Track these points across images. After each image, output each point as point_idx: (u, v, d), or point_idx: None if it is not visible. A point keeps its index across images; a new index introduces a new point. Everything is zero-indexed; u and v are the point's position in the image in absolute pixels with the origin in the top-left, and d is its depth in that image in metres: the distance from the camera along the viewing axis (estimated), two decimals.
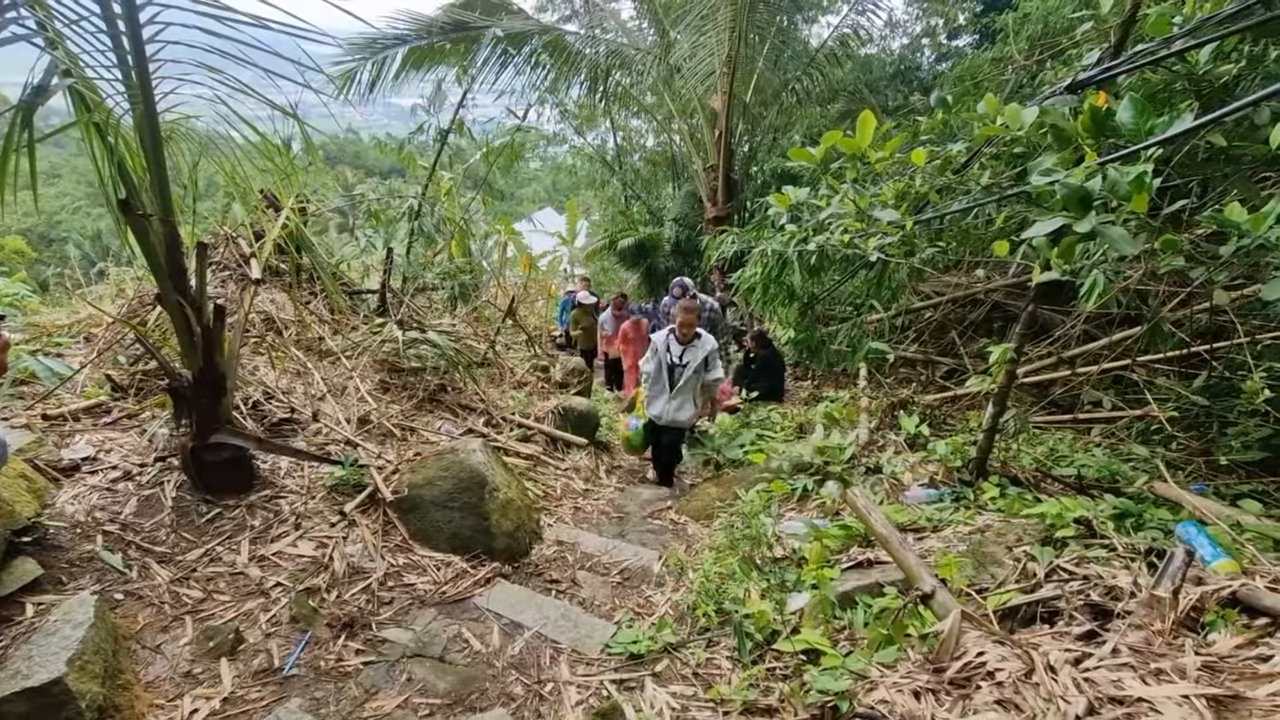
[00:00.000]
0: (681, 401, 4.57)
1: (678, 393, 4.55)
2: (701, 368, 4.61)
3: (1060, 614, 1.72)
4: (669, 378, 4.59)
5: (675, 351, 4.56)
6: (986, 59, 7.86)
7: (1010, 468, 3.65)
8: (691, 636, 2.62)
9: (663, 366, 4.60)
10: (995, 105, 3.02)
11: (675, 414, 4.60)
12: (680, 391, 4.54)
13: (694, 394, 4.59)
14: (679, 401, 4.57)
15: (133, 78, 2.53)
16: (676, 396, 4.56)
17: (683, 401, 4.57)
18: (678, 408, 4.58)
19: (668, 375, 4.59)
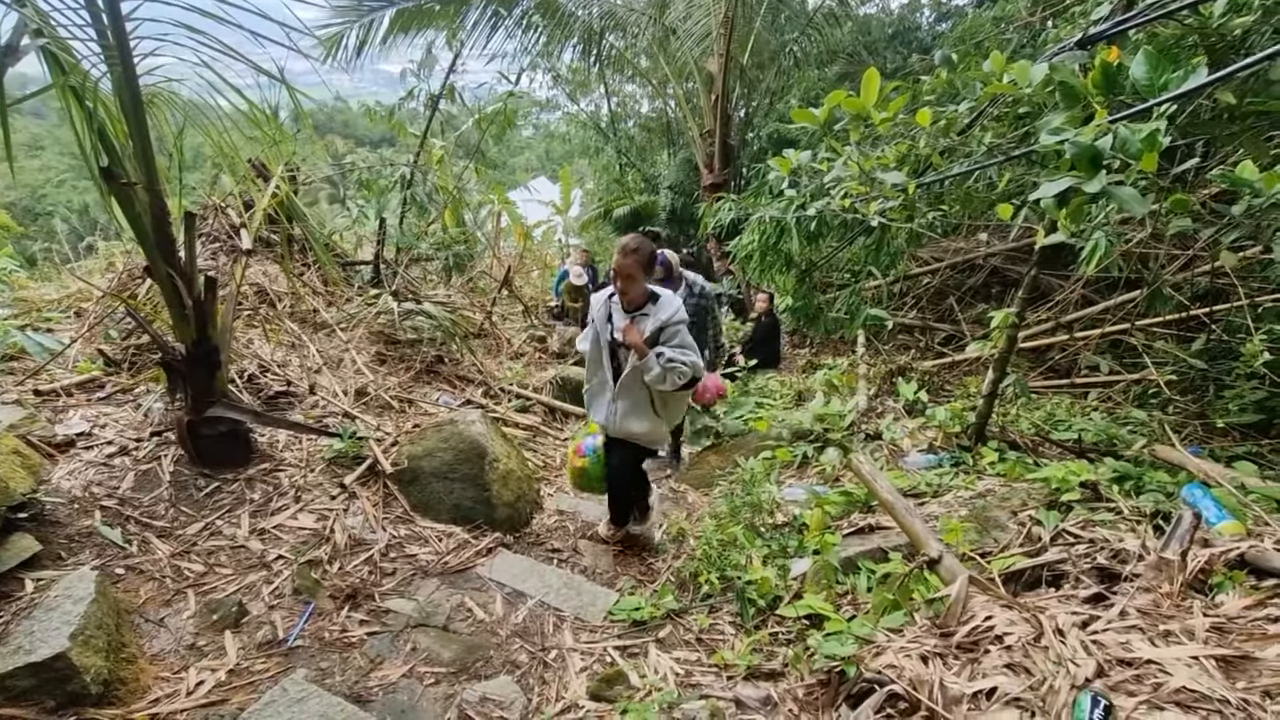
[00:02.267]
0: (632, 403, 2.89)
1: (624, 389, 2.88)
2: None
3: (1066, 577, 1.73)
4: (610, 365, 2.94)
5: (618, 323, 2.84)
6: (988, 18, 7.67)
7: (1009, 432, 3.66)
8: (694, 603, 2.63)
9: (602, 348, 2.94)
10: (1001, 62, 2.94)
11: (623, 422, 2.91)
12: (628, 387, 2.87)
13: (653, 392, 2.86)
14: (628, 403, 2.89)
15: (108, 37, 2.43)
16: (624, 395, 2.89)
17: (634, 403, 2.89)
18: (626, 411, 2.90)
19: (609, 361, 2.94)
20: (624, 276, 2.74)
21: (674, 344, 2.75)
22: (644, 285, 2.80)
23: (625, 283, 2.76)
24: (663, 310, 2.78)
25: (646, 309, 2.81)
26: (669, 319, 2.75)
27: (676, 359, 2.68)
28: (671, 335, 2.76)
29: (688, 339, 2.79)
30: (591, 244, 16.44)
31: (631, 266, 2.72)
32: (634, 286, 2.77)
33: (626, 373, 2.84)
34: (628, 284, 2.76)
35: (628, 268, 2.72)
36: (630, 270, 2.73)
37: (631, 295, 2.80)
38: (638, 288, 2.78)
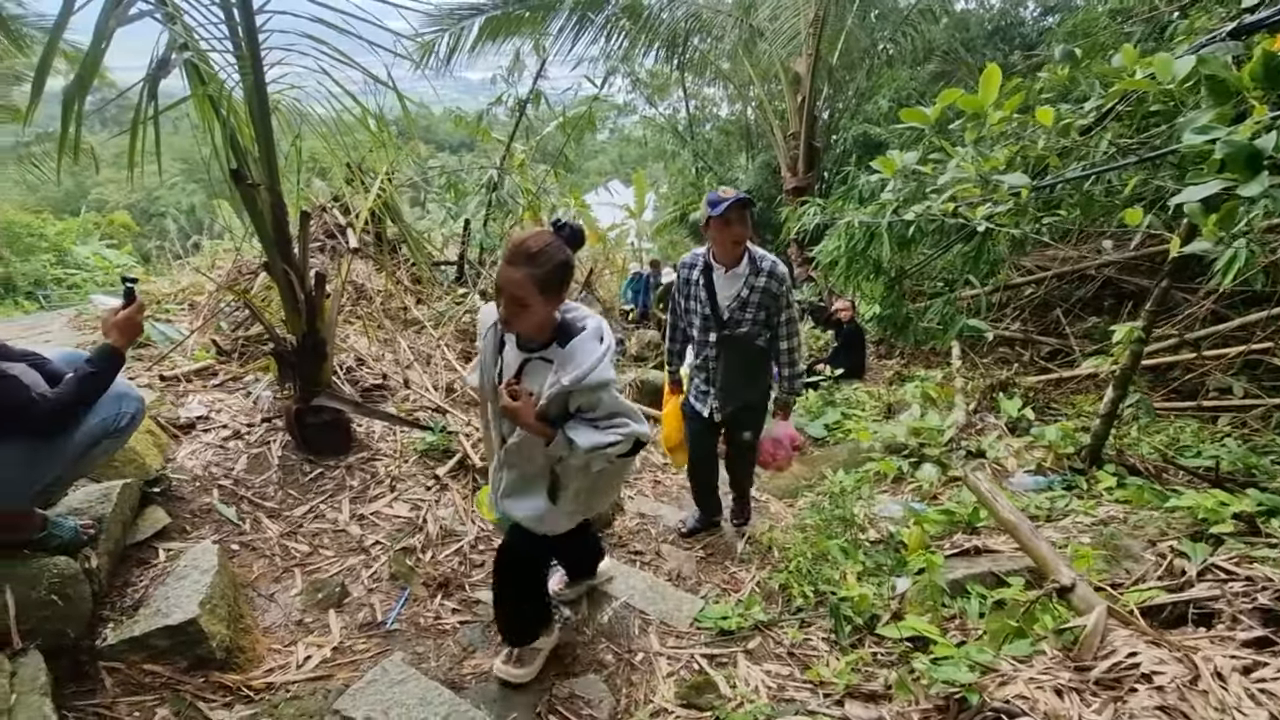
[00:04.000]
0: (521, 476, 1.91)
1: (514, 456, 1.87)
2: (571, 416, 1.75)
3: (1219, 617, 1.55)
4: (497, 418, 1.91)
5: (510, 361, 1.82)
6: (1104, 11, 7.16)
7: (1127, 456, 3.37)
8: (783, 616, 2.55)
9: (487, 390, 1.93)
10: (1133, 57, 2.72)
11: (507, 499, 1.96)
12: (518, 454, 1.86)
13: (564, 473, 1.86)
14: (516, 474, 1.92)
15: (243, 49, 2.60)
16: (513, 464, 1.90)
17: (523, 477, 1.91)
18: (512, 486, 1.94)
19: (494, 412, 1.94)
20: (508, 298, 1.59)
21: (595, 417, 1.69)
22: (546, 314, 1.66)
23: (510, 308, 1.61)
24: (573, 360, 1.62)
25: (550, 352, 1.70)
26: (582, 378, 1.60)
27: (600, 443, 1.66)
28: (591, 404, 1.68)
29: (618, 404, 1.72)
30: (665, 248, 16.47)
31: (520, 284, 1.56)
32: (525, 317, 1.62)
33: (514, 440, 1.79)
34: (514, 312, 1.61)
35: (514, 285, 1.56)
36: (518, 290, 1.57)
37: (523, 329, 1.68)
38: (531, 319, 1.63)
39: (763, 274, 2.68)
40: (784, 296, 2.71)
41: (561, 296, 1.72)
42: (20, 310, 12.35)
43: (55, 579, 1.75)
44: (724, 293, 2.74)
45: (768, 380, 2.96)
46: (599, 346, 1.70)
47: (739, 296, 2.71)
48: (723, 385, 2.86)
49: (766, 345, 2.82)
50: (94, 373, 1.80)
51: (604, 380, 1.67)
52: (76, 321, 5.57)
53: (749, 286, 2.69)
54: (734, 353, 2.80)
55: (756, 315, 2.73)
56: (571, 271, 1.71)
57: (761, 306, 2.71)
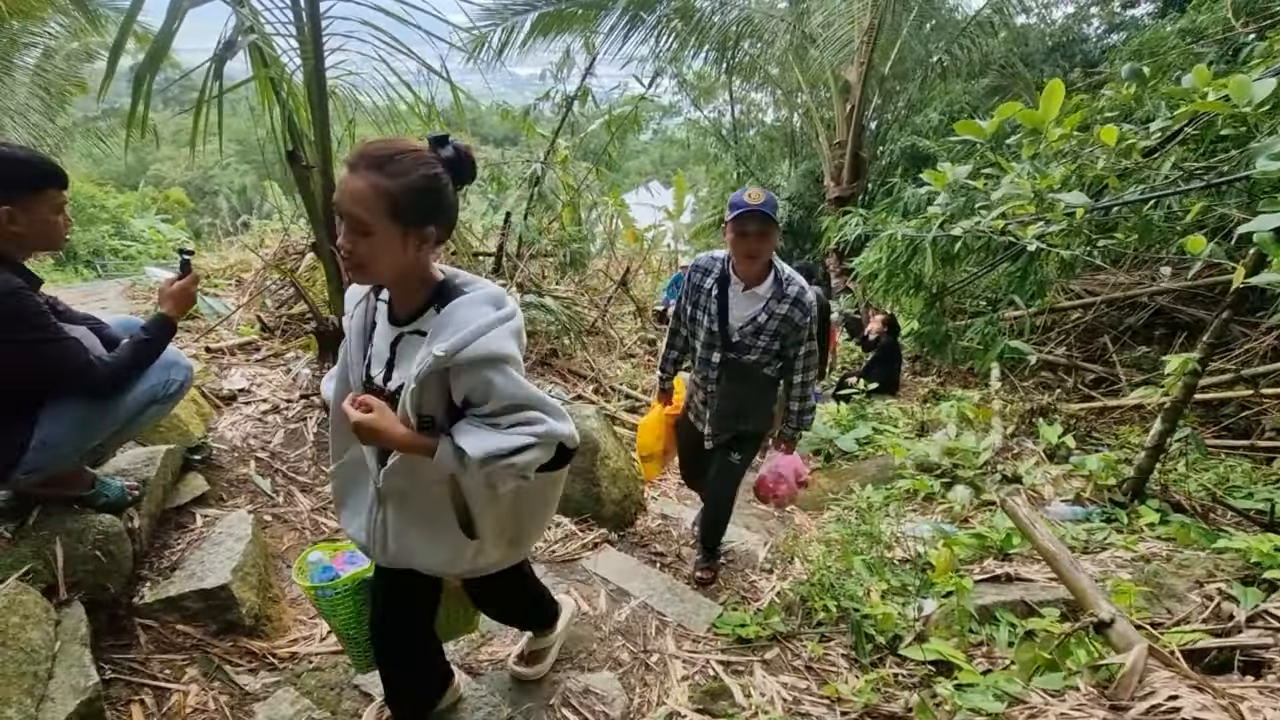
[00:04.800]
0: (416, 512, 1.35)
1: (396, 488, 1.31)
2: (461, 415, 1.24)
3: (1269, 666, 1.48)
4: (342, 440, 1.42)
5: (380, 348, 1.30)
6: (1174, 31, 6.90)
7: (1172, 492, 3.24)
8: (803, 628, 2.51)
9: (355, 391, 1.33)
10: (1206, 78, 2.62)
11: (400, 543, 1.36)
12: (405, 485, 1.31)
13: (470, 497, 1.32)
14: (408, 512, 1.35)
15: (306, 34, 2.67)
16: (396, 496, 1.33)
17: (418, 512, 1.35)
18: (403, 526, 1.35)
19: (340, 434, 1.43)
20: (345, 221, 1.12)
21: (490, 412, 1.21)
22: (404, 256, 1.15)
23: (349, 238, 1.12)
24: (450, 325, 1.17)
25: (424, 320, 1.23)
26: (459, 347, 1.14)
27: (500, 449, 1.17)
28: (482, 393, 1.19)
29: (523, 392, 1.21)
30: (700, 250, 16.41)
31: (361, 197, 1.09)
32: (371, 256, 1.13)
33: (395, 461, 1.29)
34: (353, 243, 1.12)
35: (351, 198, 1.10)
36: (355, 206, 1.09)
37: (371, 274, 1.18)
38: (380, 259, 1.14)
39: (787, 300, 2.30)
40: (807, 328, 2.35)
41: (429, 234, 1.16)
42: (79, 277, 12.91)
43: (100, 536, 1.82)
44: (737, 311, 2.37)
45: (770, 410, 2.62)
46: (490, 311, 1.19)
47: (754, 320, 2.35)
48: (718, 411, 2.54)
49: (776, 374, 2.49)
50: (148, 340, 1.87)
51: (495, 354, 1.15)
52: (131, 291, 5.79)
53: (768, 312, 2.32)
54: (737, 379, 2.46)
55: (770, 344, 2.38)
56: (445, 202, 1.17)
57: (778, 336, 2.35)
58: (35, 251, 1.71)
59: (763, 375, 2.46)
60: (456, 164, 1.20)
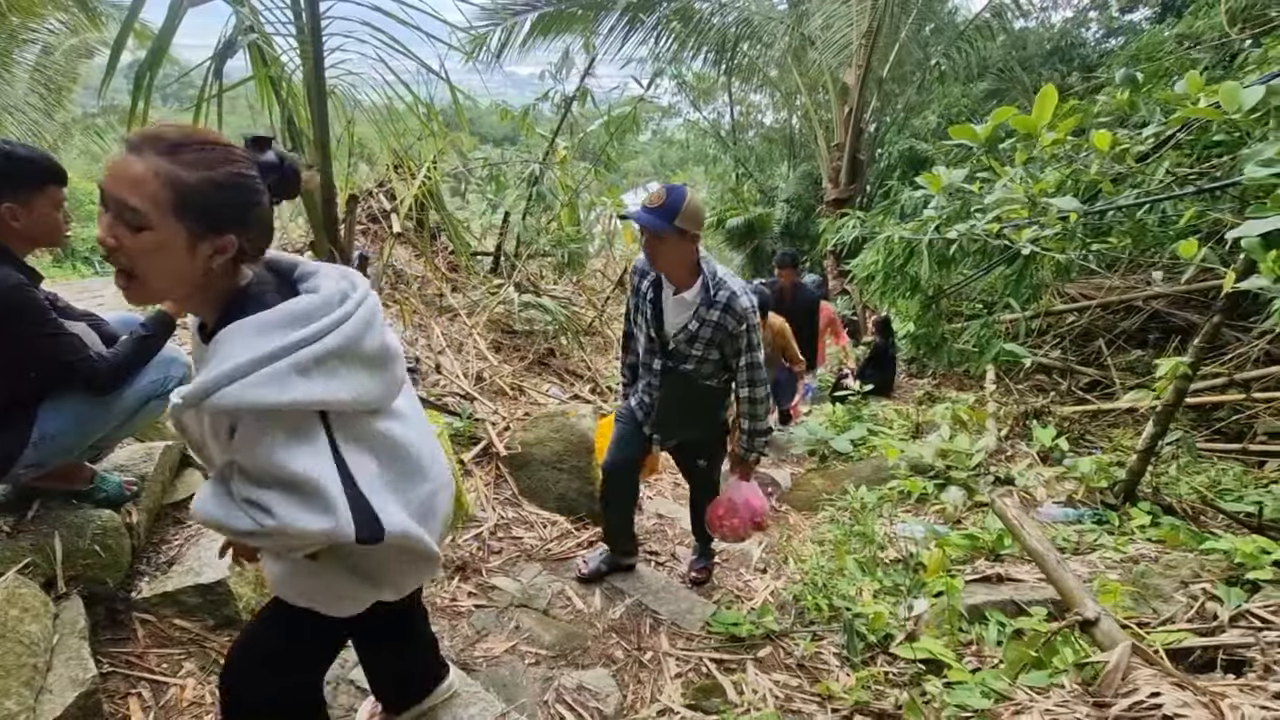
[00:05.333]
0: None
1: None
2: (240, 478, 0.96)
3: (1250, 665, 1.50)
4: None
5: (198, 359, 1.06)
6: (1170, 36, 6.94)
7: (1164, 495, 3.27)
8: (796, 627, 2.54)
9: None
10: (1198, 84, 2.65)
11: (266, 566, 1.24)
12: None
13: None
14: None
15: (305, 33, 2.68)
16: None
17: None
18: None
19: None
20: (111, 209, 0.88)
21: (243, 472, 0.96)
22: (188, 262, 0.92)
23: (114, 229, 0.88)
24: (215, 357, 0.91)
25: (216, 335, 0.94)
26: (202, 395, 0.87)
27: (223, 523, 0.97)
28: (236, 445, 0.95)
29: (277, 462, 0.92)
30: None
31: (138, 182, 0.87)
32: (139, 258, 0.90)
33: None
34: (119, 240, 0.88)
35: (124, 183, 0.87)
36: (129, 192, 0.86)
37: (139, 291, 0.93)
38: (152, 265, 0.90)
39: (716, 307, 2.12)
40: (744, 336, 2.16)
41: (228, 243, 0.93)
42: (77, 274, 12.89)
43: (99, 530, 1.83)
44: (672, 318, 2.22)
45: (720, 417, 2.45)
46: (273, 340, 0.89)
47: (686, 328, 2.18)
48: (659, 420, 2.41)
49: (723, 386, 2.32)
50: (147, 336, 1.88)
51: (247, 406, 0.87)
52: None
53: (699, 319, 2.15)
54: (678, 389, 2.31)
55: (707, 353, 2.20)
56: (255, 212, 0.96)
57: (713, 344, 2.19)
58: (36, 248, 1.73)
59: (705, 387, 2.29)
60: (277, 173, 1.01)
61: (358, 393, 0.98)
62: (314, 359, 0.93)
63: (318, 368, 0.93)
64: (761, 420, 2.30)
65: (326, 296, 0.99)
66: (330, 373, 0.95)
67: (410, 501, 1.10)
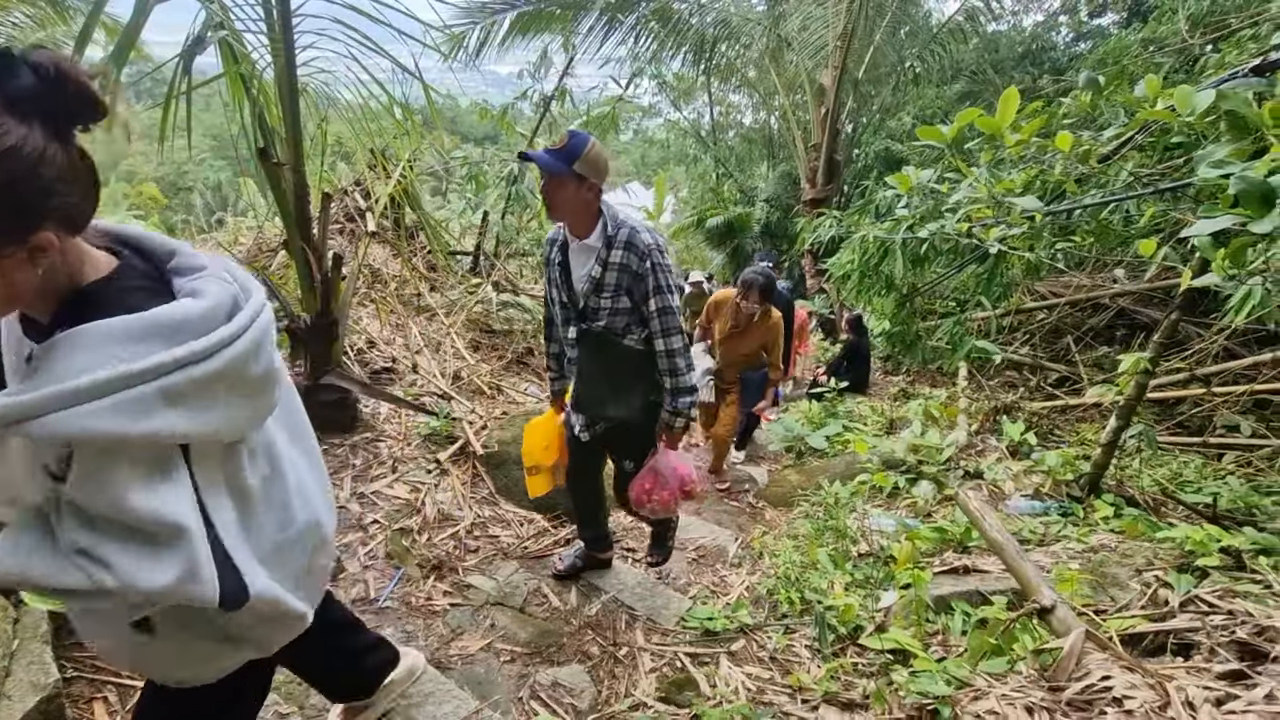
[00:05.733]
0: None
1: None
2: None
3: (1197, 649, 1.56)
4: None
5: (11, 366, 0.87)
6: (1135, 40, 7.12)
7: (1127, 487, 3.36)
8: (769, 621, 2.57)
9: None
10: (1156, 87, 2.73)
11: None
12: None
13: None
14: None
15: (276, 30, 2.66)
16: None
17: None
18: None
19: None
20: None
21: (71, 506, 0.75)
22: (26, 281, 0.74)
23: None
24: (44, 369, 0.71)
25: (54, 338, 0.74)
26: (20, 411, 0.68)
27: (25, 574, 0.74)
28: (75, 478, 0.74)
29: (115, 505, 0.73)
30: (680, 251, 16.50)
31: None
32: None
33: None
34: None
35: None
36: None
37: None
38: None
39: (617, 246, 2.02)
40: (650, 276, 2.03)
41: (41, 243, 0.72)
42: None
43: None
44: (578, 271, 2.12)
45: (651, 392, 2.21)
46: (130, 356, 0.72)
47: (591, 277, 2.07)
48: (584, 397, 2.27)
49: (643, 345, 2.14)
50: None
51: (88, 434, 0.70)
52: None
53: (601, 263, 2.04)
54: (594, 351, 2.16)
55: (616, 302, 2.07)
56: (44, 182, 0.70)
57: (620, 290, 2.06)
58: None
59: (624, 346, 2.13)
60: (51, 96, 0.70)
61: (230, 423, 0.81)
62: (191, 384, 0.74)
63: (195, 395, 0.75)
64: (683, 375, 2.12)
65: (212, 305, 0.79)
66: (206, 402, 0.76)
67: (280, 551, 0.93)
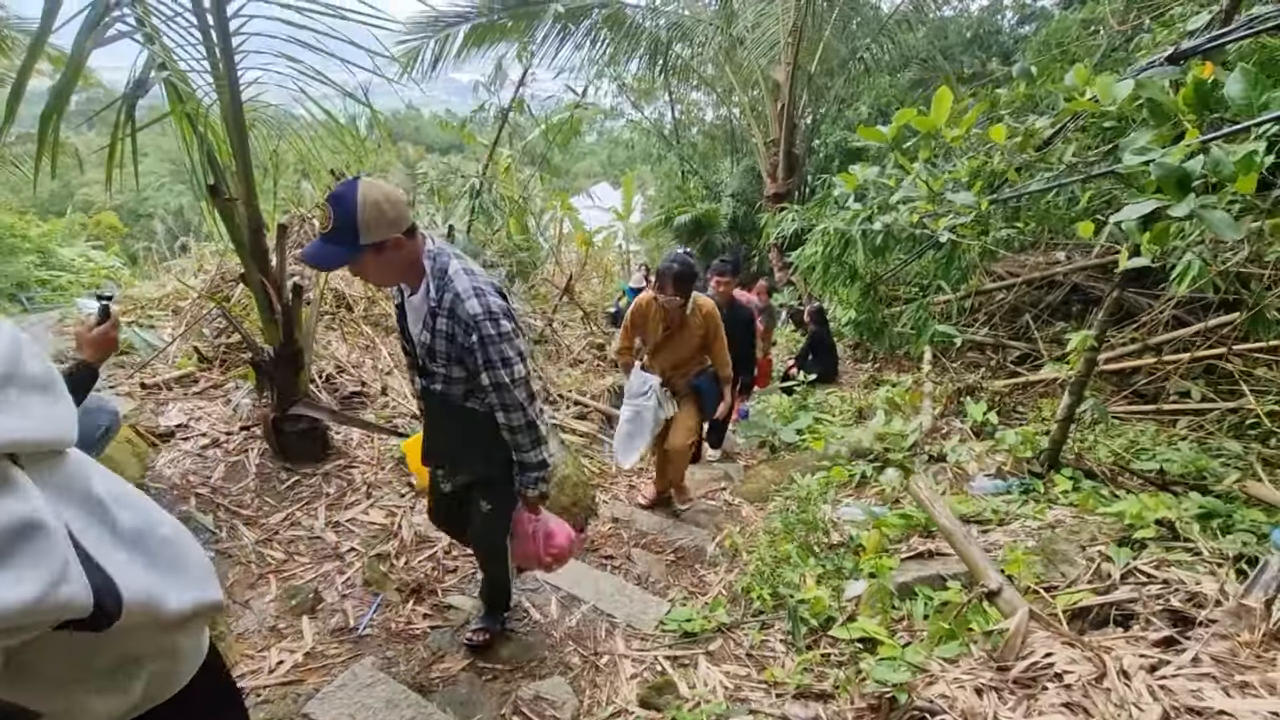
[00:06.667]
0: None
1: None
2: None
3: (1136, 618, 1.65)
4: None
5: None
6: (1075, 21, 7.32)
7: (1085, 460, 3.48)
8: (745, 618, 2.64)
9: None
10: (1084, 76, 2.84)
11: None
12: None
13: None
14: None
15: (220, 69, 2.66)
16: None
17: None
18: None
19: None
20: None
21: None
22: None
23: None
24: None
25: None
26: None
27: None
28: None
29: None
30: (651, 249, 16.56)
31: None
32: None
33: None
34: None
35: None
36: None
37: None
38: None
39: (441, 314, 1.71)
40: (479, 351, 1.70)
41: None
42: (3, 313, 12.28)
43: None
44: (413, 328, 1.85)
45: (505, 448, 1.89)
46: None
47: (421, 341, 1.82)
48: (432, 450, 2.10)
49: (488, 409, 1.83)
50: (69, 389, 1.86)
51: None
52: (59, 329, 5.57)
53: (429, 329, 1.76)
54: (438, 410, 1.95)
55: (450, 370, 1.81)
56: None
57: (451, 359, 1.78)
58: None
59: (467, 409, 1.88)
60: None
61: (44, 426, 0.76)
62: None
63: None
64: (528, 451, 1.83)
65: None
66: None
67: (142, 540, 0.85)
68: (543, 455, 1.88)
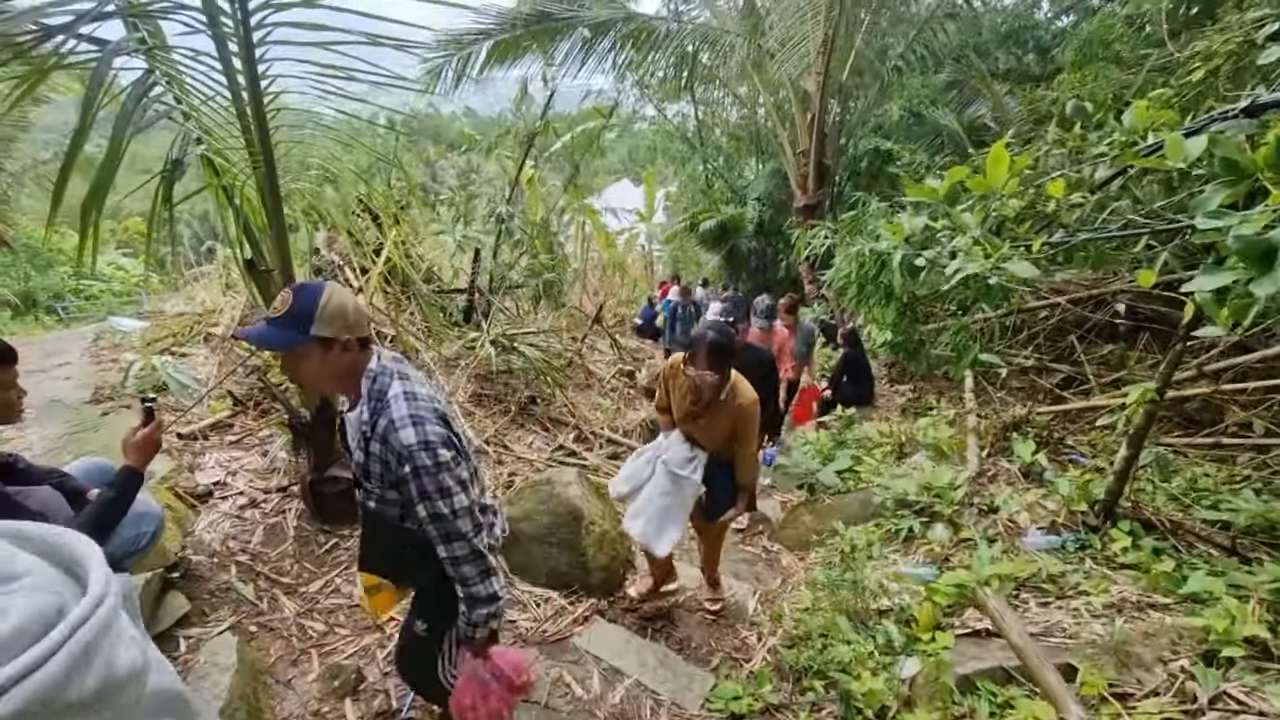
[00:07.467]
0: None
1: None
2: None
3: None
4: None
5: None
6: (1120, 17, 6.99)
7: (1142, 508, 3.33)
8: (794, 697, 2.57)
9: None
10: (1144, 115, 2.68)
11: None
12: None
13: None
14: None
15: (255, 143, 2.63)
16: None
17: None
18: None
19: None
20: None
21: None
22: None
23: None
24: None
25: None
26: None
27: None
28: None
29: None
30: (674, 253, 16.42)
31: None
32: None
33: None
34: None
35: None
36: None
37: None
38: None
39: (375, 438, 1.56)
40: (412, 483, 1.51)
41: None
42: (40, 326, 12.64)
43: None
44: (351, 438, 1.70)
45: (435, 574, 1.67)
46: None
47: (357, 461, 1.67)
48: (368, 560, 1.88)
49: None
50: (114, 498, 1.85)
51: None
52: (93, 350, 5.65)
53: (363, 449, 1.60)
54: (373, 525, 1.79)
55: (385, 492, 1.64)
56: None
57: (386, 483, 1.61)
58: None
59: (403, 529, 1.68)
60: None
61: None
62: None
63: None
64: (476, 584, 1.60)
65: (21, 624, 0.59)
66: None
67: None
68: (493, 588, 1.62)
